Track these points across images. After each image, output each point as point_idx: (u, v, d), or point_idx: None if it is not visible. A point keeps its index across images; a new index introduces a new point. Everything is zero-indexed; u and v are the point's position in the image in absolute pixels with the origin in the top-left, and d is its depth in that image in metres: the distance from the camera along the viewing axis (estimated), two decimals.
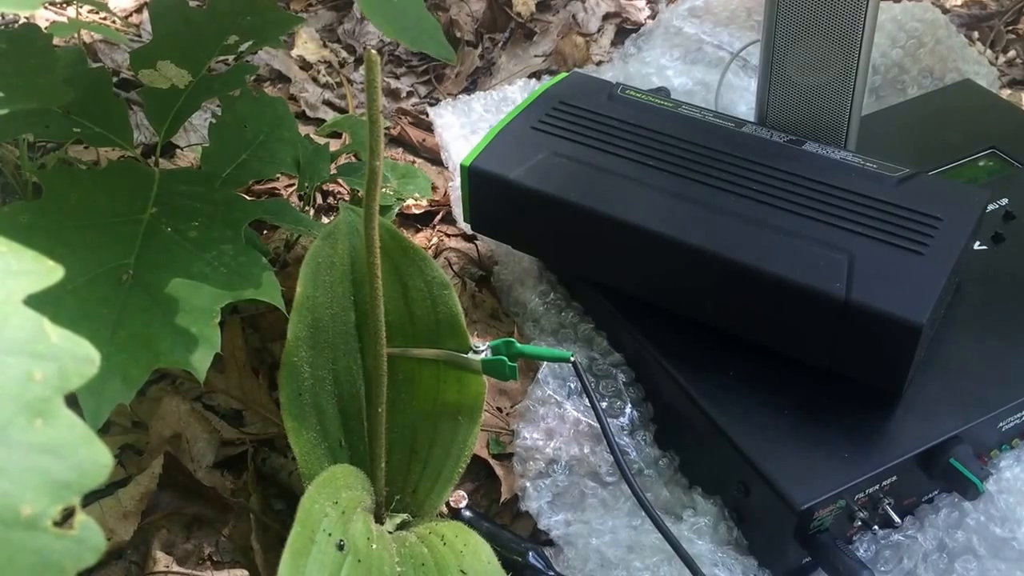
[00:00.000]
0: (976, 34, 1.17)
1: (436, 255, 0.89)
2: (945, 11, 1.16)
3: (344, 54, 1.18)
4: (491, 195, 0.76)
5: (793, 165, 0.72)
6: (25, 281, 0.30)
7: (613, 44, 1.19)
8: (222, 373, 0.76)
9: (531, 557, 0.63)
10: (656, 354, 0.69)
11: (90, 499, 0.65)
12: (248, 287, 0.61)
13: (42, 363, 0.28)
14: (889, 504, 0.62)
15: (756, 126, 0.77)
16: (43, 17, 1.14)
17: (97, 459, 0.27)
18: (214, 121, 0.77)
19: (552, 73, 1.12)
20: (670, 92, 0.98)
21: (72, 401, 0.29)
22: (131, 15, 1.20)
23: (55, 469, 0.27)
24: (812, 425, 0.63)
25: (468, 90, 1.14)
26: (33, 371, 0.28)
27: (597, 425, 0.67)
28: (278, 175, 0.89)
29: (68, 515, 0.27)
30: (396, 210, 0.86)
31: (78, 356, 0.29)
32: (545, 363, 0.73)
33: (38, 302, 0.30)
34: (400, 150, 1.04)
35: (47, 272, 0.30)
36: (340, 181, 0.86)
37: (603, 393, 0.71)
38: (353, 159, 0.89)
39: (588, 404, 0.69)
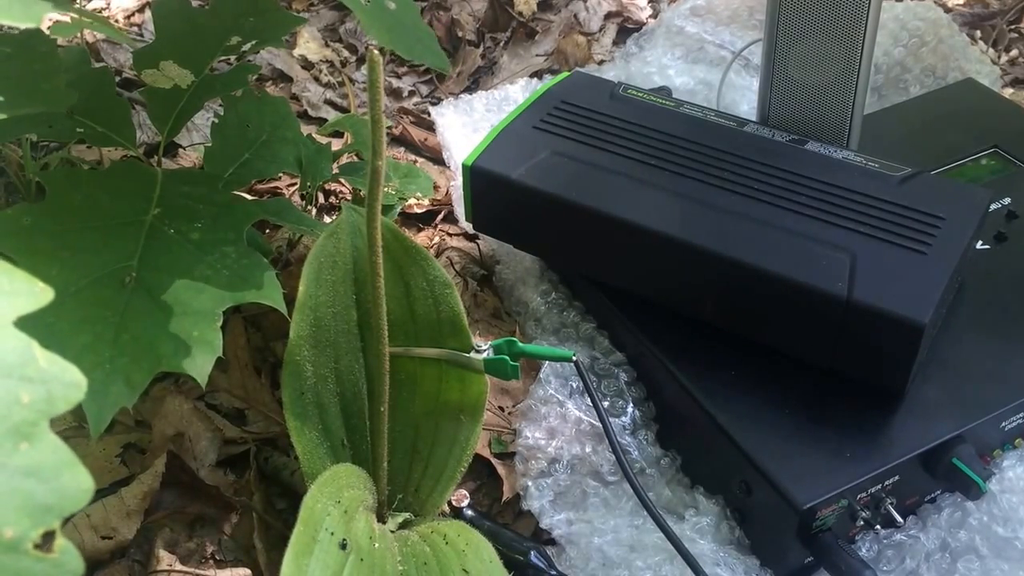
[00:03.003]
0: (979, 33, 1.17)
1: (438, 254, 0.89)
2: (947, 10, 1.16)
3: (346, 53, 1.18)
4: (493, 194, 0.76)
5: (795, 164, 0.72)
6: (16, 303, 0.30)
7: (615, 43, 1.18)
8: (224, 372, 0.76)
9: (533, 556, 0.63)
10: (658, 353, 0.69)
11: (94, 498, 0.65)
12: (250, 289, 0.61)
13: (30, 386, 0.28)
14: (891, 504, 0.62)
15: (758, 125, 0.77)
16: (45, 16, 1.14)
17: (79, 484, 0.28)
18: (216, 121, 0.77)
19: (554, 72, 1.12)
20: (672, 91, 0.98)
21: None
22: (133, 15, 1.20)
23: (38, 492, 0.27)
24: (814, 424, 0.63)
25: (470, 89, 1.13)
26: (21, 394, 0.28)
27: (599, 424, 0.67)
28: (280, 174, 0.89)
29: (49, 538, 0.27)
30: (398, 209, 0.86)
31: (66, 381, 0.29)
32: (547, 362, 0.73)
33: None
34: (402, 149, 1.04)
35: (38, 294, 0.30)
36: (342, 180, 0.86)
37: (605, 392, 0.71)
38: (355, 158, 0.89)
39: (590, 403, 0.69)
